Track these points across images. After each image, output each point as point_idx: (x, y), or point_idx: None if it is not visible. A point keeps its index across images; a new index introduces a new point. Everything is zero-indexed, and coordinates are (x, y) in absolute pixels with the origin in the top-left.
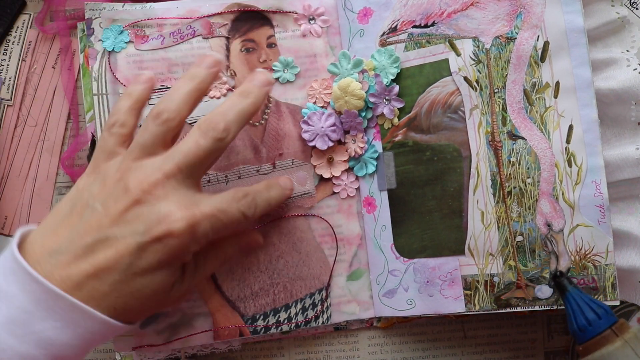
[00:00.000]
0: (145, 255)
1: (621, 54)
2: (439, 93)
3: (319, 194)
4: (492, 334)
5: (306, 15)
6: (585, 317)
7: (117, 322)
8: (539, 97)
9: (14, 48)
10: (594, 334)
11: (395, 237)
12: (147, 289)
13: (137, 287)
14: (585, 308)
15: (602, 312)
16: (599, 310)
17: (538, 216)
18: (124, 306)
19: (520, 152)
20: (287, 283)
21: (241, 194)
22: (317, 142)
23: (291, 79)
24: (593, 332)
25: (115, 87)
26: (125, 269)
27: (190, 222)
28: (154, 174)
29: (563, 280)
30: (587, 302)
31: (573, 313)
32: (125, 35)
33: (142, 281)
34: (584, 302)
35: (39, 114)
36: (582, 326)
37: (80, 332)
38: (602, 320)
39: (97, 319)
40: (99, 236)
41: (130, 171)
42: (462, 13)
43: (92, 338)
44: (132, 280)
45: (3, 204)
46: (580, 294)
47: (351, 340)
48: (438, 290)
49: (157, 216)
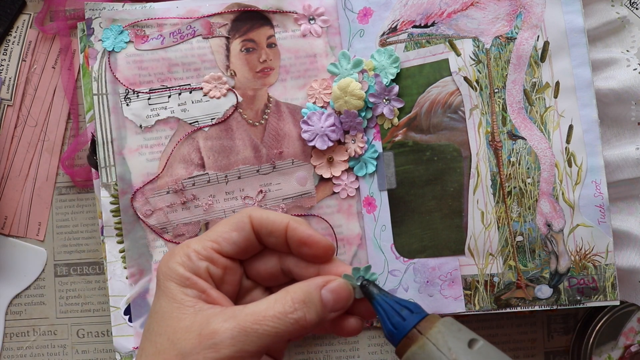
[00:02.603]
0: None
1: (621, 54)
2: (439, 93)
3: (319, 194)
4: (492, 334)
5: (306, 15)
6: (391, 322)
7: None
8: (539, 97)
9: (14, 48)
10: (400, 337)
11: (395, 237)
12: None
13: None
14: (391, 312)
15: (406, 314)
16: (404, 312)
17: (538, 216)
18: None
19: (520, 152)
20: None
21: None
22: (316, 142)
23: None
24: (399, 336)
25: (115, 87)
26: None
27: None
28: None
29: (369, 288)
30: (392, 305)
31: (382, 320)
32: (125, 35)
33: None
34: (390, 307)
35: (39, 114)
36: (389, 332)
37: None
38: (406, 322)
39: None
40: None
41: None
42: (462, 13)
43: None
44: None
45: (3, 204)
46: (385, 298)
47: (351, 340)
48: (438, 290)
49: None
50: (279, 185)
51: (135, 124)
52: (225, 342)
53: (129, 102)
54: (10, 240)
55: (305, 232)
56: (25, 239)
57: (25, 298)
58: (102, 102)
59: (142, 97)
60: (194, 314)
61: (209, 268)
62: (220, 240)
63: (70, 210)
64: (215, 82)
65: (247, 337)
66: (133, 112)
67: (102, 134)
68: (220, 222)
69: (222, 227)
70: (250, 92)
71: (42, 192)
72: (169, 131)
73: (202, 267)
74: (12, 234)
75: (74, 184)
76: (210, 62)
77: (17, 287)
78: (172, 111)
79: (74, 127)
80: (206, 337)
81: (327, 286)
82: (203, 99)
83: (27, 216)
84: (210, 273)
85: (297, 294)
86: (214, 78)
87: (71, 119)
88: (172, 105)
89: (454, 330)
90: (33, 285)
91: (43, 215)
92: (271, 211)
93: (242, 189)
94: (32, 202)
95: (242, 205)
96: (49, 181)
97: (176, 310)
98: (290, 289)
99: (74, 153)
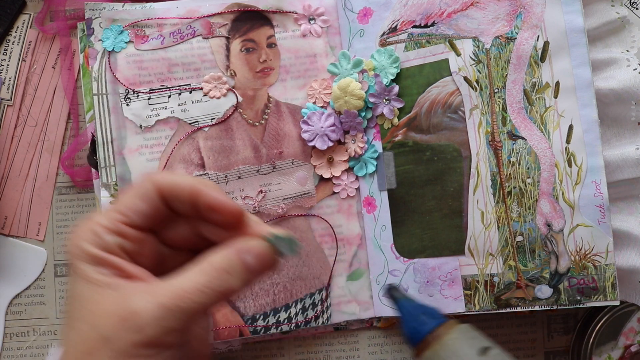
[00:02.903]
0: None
1: (621, 54)
2: (439, 93)
3: (319, 194)
4: (492, 334)
5: (306, 15)
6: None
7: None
8: (539, 97)
9: (14, 48)
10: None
11: (395, 237)
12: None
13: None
14: (412, 316)
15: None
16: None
17: (538, 216)
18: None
19: (520, 152)
20: (287, 283)
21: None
22: (316, 142)
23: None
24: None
25: (115, 87)
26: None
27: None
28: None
29: (394, 293)
30: (414, 309)
31: (404, 322)
32: (125, 35)
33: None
34: (411, 311)
35: (39, 114)
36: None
37: None
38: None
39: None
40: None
41: None
42: (462, 13)
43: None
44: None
45: (3, 204)
46: (409, 302)
47: (351, 340)
48: (438, 290)
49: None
50: (279, 185)
51: (135, 124)
52: (148, 323)
53: (129, 102)
54: (10, 240)
55: (211, 197)
56: (25, 239)
57: (25, 298)
58: (102, 102)
59: (142, 97)
60: (113, 294)
61: (121, 242)
62: (126, 211)
63: (70, 210)
64: (215, 82)
65: (172, 315)
66: (133, 112)
67: (102, 134)
68: (125, 192)
69: (126, 197)
70: (250, 92)
71: (42, 192)
72: (169, 131)
73: (112, 243)
74: (12, 234)
75: (74, 184)
76: (210, 62)
77: (17, 287)
78: (172, 111)
79: (74, 127)
80: (128, 319)
81: (250, 250)
82: (203, 99)
83: (27, 216)
84: (123, 247)
85: (218, 263)
86: (214, 78)
87: (71, 119)
88: (172, 105)
89: (469, 337)
90: (33, 285)
91: (43, 215)
92: (178, 174)
93: (242, 189)
94: (32, 202)
95: (242, 205)
96: (49, 181)
97: (94, 293)
98: (212, 258)
99: (74, 153)
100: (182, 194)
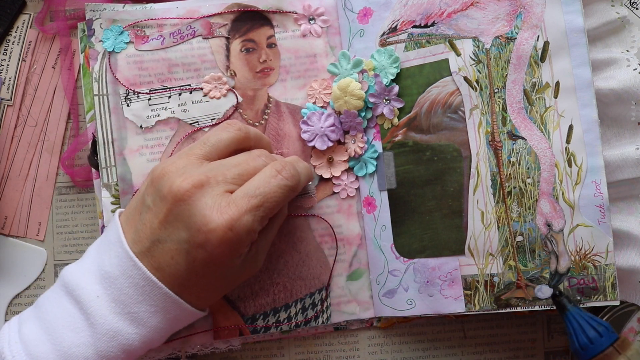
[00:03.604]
0: (196, 257)
1: (621, 54)
2: (439, 93)
3: (319, 194)
4: (492, 334)
5: (306, 15)
6: (586, 335)
7: (198, 311)
8: (539, 97)
9: (14, 48)
10: (595, 352)
11: (395, 237)
12: (214, 281)
13: (203, 282)
14: (586, 326)
15: (603, 330)
16: (600, 328)
17: (538, 216)
18: (196, 299)
19: (520, 152)
20: (287, 283)
21: (276, 170)
22: (316, 142)
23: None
24: (595, 351)
25: (115, 88)
26: (185, 269)
27: (228, 225)
28: (198, 175)
29: (562, 300)
30: (587, 320)
31: (574, 332)
32: (125, 35)
33: (204, 277)
34: (584, 321)
35: (39, 114)
36: (583, 345)
37: (169, 317)
38: (603, 338)
39: (183, 307)
40: (153, 238)
41: (175, 172)
42: (462, 13)
43: (177, 324)
44: (195, 277)
45: (3, 204)
46: (580, 312)
47: (351, 340)
48: (438, 290)
49: (196, 222)
50: None
51: (135, 124)
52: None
53: (129, 102)
54: (10, 240)
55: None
56: (25, 239)
57: (25, 298)
58: (103, 102)
59: (142, 97)
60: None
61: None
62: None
63: (70, 210)
64: (215, 83)
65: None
66: (133, 112)
67: (103, 134)
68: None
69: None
70: (250, 93)
71: (42, 192)
72: (170, 131)
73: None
74: (12, 234)
75: (74, 184)
76: (210, 62)
77: (17, 287)
78: (172, 111)
79: (74, 127)
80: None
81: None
82: (203, 99)
83: (27, 216)
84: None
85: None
86: (214, 78)
87: (71, 119)
88: (172, 106)
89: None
90: (33, 285)
91: (43, 215)
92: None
93: None
94: (32, 202)
95: None
96: (49, 181)
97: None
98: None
99: (74, 153)
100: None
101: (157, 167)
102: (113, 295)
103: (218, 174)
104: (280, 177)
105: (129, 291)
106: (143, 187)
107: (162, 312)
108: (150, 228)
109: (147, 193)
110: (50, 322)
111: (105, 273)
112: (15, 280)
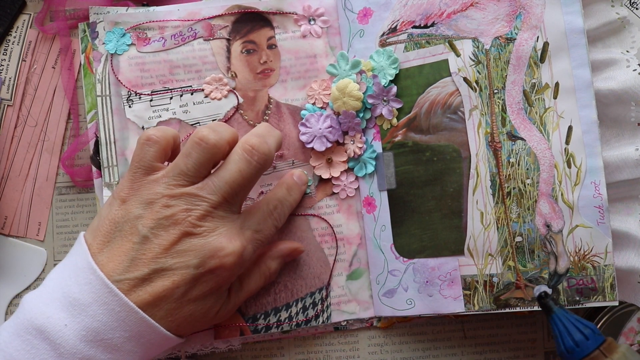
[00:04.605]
0: (199, 285)
1: (621, 55)
2: (439, 93)
3: (319, 194)
4: (492, 334)
5: (306, 16)
6: (572, 338)
7: (174, 337)
8: (539, 98)
9: (14, 48)
10: (582, 355)
11: (395, 237)
12: (198, 313)
13: (189, 312)
14: (572, 329)
15: (589, 333)
16: (586, 330)
17: (537, 217)
18: (176, 327)
19: (519, 152)
20: (288, 282)
21: (272, 207)
22: (314, 143)
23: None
24: (581, 354)
25: (117, 89)
26: (179, 297)
27: (239, 252)
28: (202, 206)
29: (548, 301)
30: (573, 322)
31: (560, 334)
32: (127, 37)
33: (194, 307)
34: (570, 323)
35: (39, 114)
36: (569, 348)
37: (143, 342)
38: (589, 341)
39: (160, 333)
40: (155, 267)
41: (176, 199)
42: (461, 13)
43: (152, 349)
44: (185, 306)
45: (3, 204)
46: (566, 314)
47: (351, 340)
48: (437, 290)
49: (210, 250)
50: None
51: (137, 125)
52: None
53: (131, 103)
54: (10, 240)
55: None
56: (25, 239)
57: None
58: (105, 103)
59: (144, 98)
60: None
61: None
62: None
63: (70, 210)
64: (216, 84)
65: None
66: (135, 113)
67: (105, 135)
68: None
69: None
70: (251, 93)
71: (42, 192)
72: None
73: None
74: (12, 234)
75: (74, 184)
76: (211, 63)
77: (17, 287)
78: (173, 113)
79: (74, 127)
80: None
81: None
82: (204, 100)
83: (27, 216)
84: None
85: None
86: (215, 79)
87: (71, 118)
88: (173, 107)
89: (636, 357)
90: (33, 285)
91: (43, 215)
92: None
93: None
94: (32, 202)
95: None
96: (49, 181)
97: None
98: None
99: (74, 153)
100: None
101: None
102: (84, 323)
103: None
104: (274, 216)
105: (103, 318)
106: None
107: (137, 337)
108: (152, 257)
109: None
110: (13, 356)
111: (74, 300)
112: (15, 280)
